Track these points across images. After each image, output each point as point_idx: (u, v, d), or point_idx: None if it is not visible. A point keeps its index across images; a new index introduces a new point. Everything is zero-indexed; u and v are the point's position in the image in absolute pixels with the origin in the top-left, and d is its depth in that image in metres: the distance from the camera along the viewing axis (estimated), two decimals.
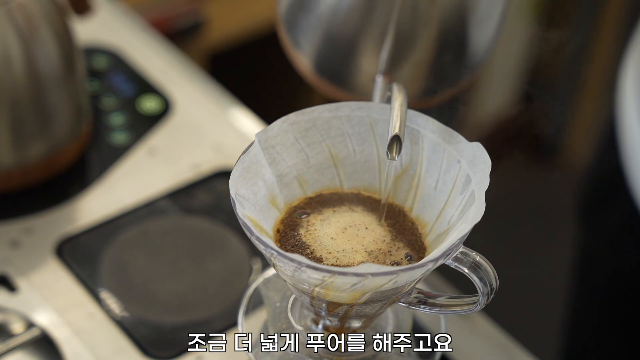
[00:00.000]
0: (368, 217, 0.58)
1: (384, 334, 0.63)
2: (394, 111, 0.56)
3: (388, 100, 0.59)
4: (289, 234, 0.57)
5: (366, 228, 0.57)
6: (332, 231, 0.57)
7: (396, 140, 0.56)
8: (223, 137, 0.92)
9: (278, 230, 0.57)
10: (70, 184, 0.87)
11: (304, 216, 0.58)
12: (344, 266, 0.55)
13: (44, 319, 0.75)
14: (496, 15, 0.74)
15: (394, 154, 0.56)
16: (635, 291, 0.96)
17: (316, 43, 0.73)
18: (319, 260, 0.55)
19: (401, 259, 0.56)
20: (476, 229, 0.52)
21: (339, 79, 0.74)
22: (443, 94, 0.74)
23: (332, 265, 0.55)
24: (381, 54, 0.69)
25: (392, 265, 0.55)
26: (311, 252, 0.55)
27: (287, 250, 0.55)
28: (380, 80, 0.69)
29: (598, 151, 1.02)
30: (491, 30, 0.74)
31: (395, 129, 0.56)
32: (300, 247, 0.56)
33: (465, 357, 0.75)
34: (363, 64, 0.72)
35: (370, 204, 0.59)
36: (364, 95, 0.73)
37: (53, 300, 0.77)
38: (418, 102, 0.74)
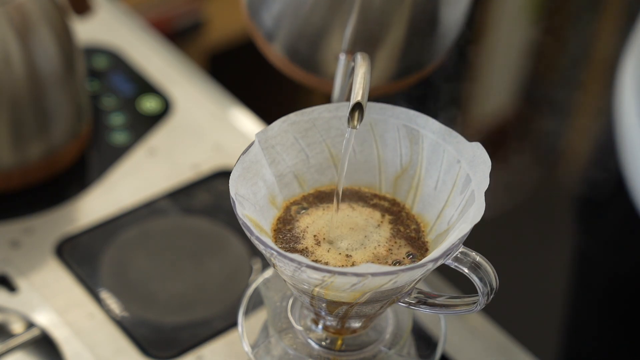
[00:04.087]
0: (368, 214, 0.58)
1: (384, 334, 0.63)
2: (357, 78, 0.55)
3: (352, 72, 0.58)
4: (284, 231, 0.57)
5: (365, 226, 0.57)
6: (331, 228, 0.57)
7: (358, 107, 0.55)
8: (223, 137, 0.92)
9: (275, 229, 0.57)
10: (70, 184, 0.87)
11: (302, 211, 0.58)
12: (344, 265, 0.55)
13: (44, 319, 0.75)
14: None
15: (356, 122, 0.55)
16: (633, 292, 0.96)
17: (284, 28, 0.71)
18: (318, 259, 0.55)
19: (403, 257, 0.56)
20: (476, 229, 0.52)
21: (310, 63, 0.72)
22: (410, 76, 0.73)
23: (325, 257, 0.55)
24: (345, 32, 0.68)
25: (394, 263, 0.55)
26: (309, 250, 0.55)
27: (285, 249, 0.56)
28: (343, 58, 0.68)
29: (597, 153, 1.02)
30: (460, 11, 0.72)
31: (357, 96, 0.55)
32: (298, 245, 0.56)
33: (465, 357, 0.75)
34: (333, 46, 0.70)
35: (370, 201, 0.59)
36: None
37: (53, 300, 0.77)
38: (385, 85, 0.72)
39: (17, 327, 0.74)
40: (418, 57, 0.72)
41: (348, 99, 0.56)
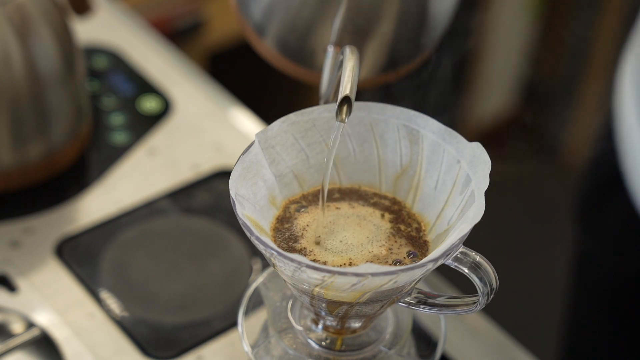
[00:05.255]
0: (369, 212, 0.58)
1: (384, 334, 0.63)
2: (345, 72, 0.56)
3: (340, 65, 0.58)
4: (283, 230, 0.57)
5: (364, 226, 0.57)
6: (331, 228, 0.57)
7: (346, 101, 0.55)
8: (223, 137, 0.92)
9: (274, 228, 0.57)
10: (70, 184, 0.87)
11: (302, 210, 0.58)
12: (343, 264, 0.55)
13: (44, 319, 0.75)
14: None
15: (344, 116, 0.55)
16: (633, 292, 0.96)
17: (273, 21, 0.71)
18: (317, 258, 0.55)
19: (403, 257, 0.56)
20: (476, 229, 0.52)
21: (300, 56, 0.72)
22: (400, 69, 0.73)
23: (324, 256, 0.55)
24: (333, 24, 0.68)
25: (394, 263, 0.55)
26: (308, 249, 0.55)
27: (284, 248, 0.56)
28: (331, 51, 0.68)
29: (597, 152, 1.02)
30: (449, 2, 0.72)
31: (345, 90, 0.55)
32: (296, 244, 0.56)
33: (465, 357, 0.75)
34: (322, 39, 0.70)
35: (371, 199, 0.59)
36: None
37: (53, 300, 0.77)
38: (374, 78, 0.72)
39: (17, 327, 0.74)
40: (406, 49, 0.72)
41: (336, 92, 0.56)
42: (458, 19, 0.75)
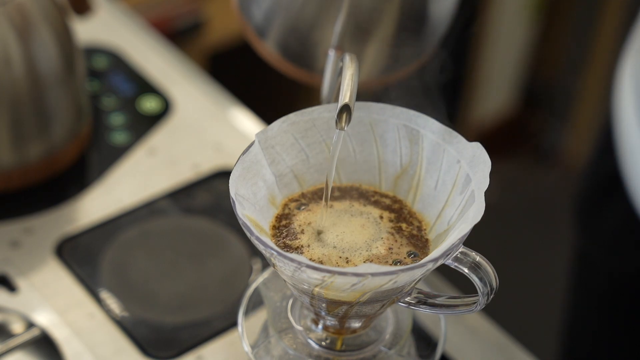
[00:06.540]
0: (369, 212, 0.58)
1: (384, 334, 0.63)
2: (345, 80, 0.56)
3: (340, 71, 0.59)
4: (281, 227, 0.57)
5: (364, 225, 0.57)
6: (331, 227, 0.57)
7: (346, 109, 0.55)
8: (223, 137, 0.92)
9: (273, 226, 0.57)
10: (70, 184, 0.87)
11: (302, 207, 0.58)
12: (340, 261, 0.55)
13: (44, 319, 0.75)
14: None
15: (343, 124, 0.56)
16: (633, 292, 0.96)
17: (274, 23, 0.72)
18: (316, 256, 0.55)
19: (404, 257, 0.56)
20: (476, 229, 0.52)
21: (300, 58, 0.72)
22: (400, 71, 0.73)
23: (323, 255, 0.55)
24: (334, 28, 0.68)
25: (394, 263, 0.55)
26: (308, 249, 0.55)
27: (283, 246, 0.56)
28: (332, 54, 0.68)
29: (596, 153, 1.02)
30: (448, 5, 0.72)
31: (345, 98, 0.55)
32: (295, 242, 0.56)
33: (465, 357, 0.75)
34: (323, 41, 0.70)
35: (371, 198, 0.59)
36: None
37: (53, 300, 0.77)
38: (375, 80, 0.72)
39: (17, 327, 0.74)
40: (407, 52, 0.72)
41: (336, 99, 0.57)
42: (458, 19, 0.75)
